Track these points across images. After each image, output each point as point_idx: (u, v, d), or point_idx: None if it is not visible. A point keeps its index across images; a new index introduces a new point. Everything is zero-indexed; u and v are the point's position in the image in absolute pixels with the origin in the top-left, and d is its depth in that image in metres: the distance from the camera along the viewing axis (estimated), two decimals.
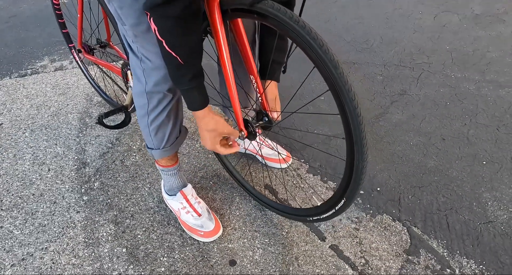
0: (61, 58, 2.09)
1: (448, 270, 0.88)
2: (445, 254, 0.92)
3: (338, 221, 1.02)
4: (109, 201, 1.12)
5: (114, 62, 1.29)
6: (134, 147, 1.34)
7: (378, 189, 1.10)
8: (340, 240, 0.96)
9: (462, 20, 2.05)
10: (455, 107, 1.40)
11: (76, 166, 1.27)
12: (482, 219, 0.99)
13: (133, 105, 1.17)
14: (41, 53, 2.16)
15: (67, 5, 1.33)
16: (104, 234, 1.01)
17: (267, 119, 0.84)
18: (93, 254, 0.96)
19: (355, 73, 1.68)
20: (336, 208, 0.76)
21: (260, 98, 0.82)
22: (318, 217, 0.84)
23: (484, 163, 1.15)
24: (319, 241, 0.96)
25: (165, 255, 0.95)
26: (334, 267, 0.90)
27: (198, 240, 0.97)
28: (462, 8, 2.18)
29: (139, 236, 1.00)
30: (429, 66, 1.67)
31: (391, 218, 1.02)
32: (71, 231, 1.03)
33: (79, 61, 1.54)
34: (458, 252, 0.92)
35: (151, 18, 0.56)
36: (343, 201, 0.73)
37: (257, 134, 0.82)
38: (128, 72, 1.10)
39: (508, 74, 1.55)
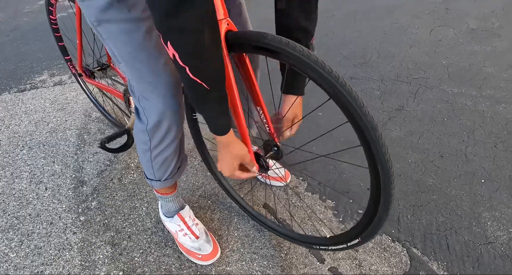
0: (60, 72, 2.10)
1: None
2: None
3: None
4: (106, 221, 1.11)
5: (114, 84, 1.29)
6: (132, 165, 1.34)
7: None
8: (339, 262, 0.95)
9: (458, 34, 2.07)
10: (452, 124, 1.40)
11: (73, 185, 1.26)
12: (482, 240, 0.98)
13: None
14: (41, 68, 2.18)
15: (64, 19, 1.32)
16: (101, 256, 1.00)
17: (276, 149, 0.82)
18: None
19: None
20: (349, 244, 0.75)
21: (267, 128, 0.81)
22: (326, 247, 0.84)
23: (483, 181, 1.15)
24: (318, 263, 0.95)
25: None
26: None
27: (196, 263, 0.96)
28: (458, 22, 2.21)
29: (136, 259, 0.99)
30: (426, 81, 1.69)
31: (390, 238, 1.01)
32: (67, 253, 1.01)
33: (76, 75, 1.53)
34: (458, 274, 0.91)
35: (168, 41, 0.48)
36: (357, 240, 0.73)
37: (269, 167, 0.81)
38: (130, 97, 1.10)
39: (504, 90, 1.56)
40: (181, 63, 0.50)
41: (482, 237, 0.99)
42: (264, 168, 0.81)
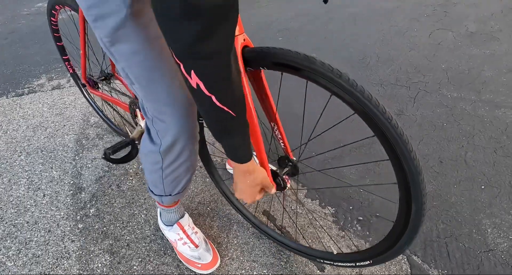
0: (58, 76, 2.09)
1: None
2: None
3: (337, 249, 1.00)
4: (104, 229, 1.10)
5: (118, 95, 1.25)
6: (131, 171, 1.33)
7: (377, 214, 1.09)
8: (339, 271, 0.95)
9: (457, 37, 2.08)
10: (452, 129, 1.40)
11: (71, 191, 1.25)
12: (482, 247, 0.98)
13: (141, 139, 1.14)
14: (39, 71, 2.17)
15: (66, 21, 1.31)
16: (99, 265, 0.99)
17: (291, 164, 0.81)
18: None
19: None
20: (357, 263, 0.75)
21: (283, 144, 0.81)
22: (332, 263, 0.83)
23: (483, 187, 1.15)
24: (318, 271, 0.95)
25: None
26: None
27: (195, 272, 0.95)
28: (457, 25, 2.22)
29: (135, 267, 0.98)
30: (425, 85, 1.68)
31: None
32: (65, 262, 1.01)
33: (75, 75, 1.50)
34: None
35: (192, 70, 0.43)
36: (368, 262, 0.73)
37: (286, 186, 0.79)
38: (137, 109, 1.08)
39: (503, 94, 1.56)
40: (206, 92, 0.46)
41: (483, 245, 0.98)
42: (281, 187, 0.79)
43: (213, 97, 0.47)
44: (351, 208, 1.12)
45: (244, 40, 0.62)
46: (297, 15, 2.68)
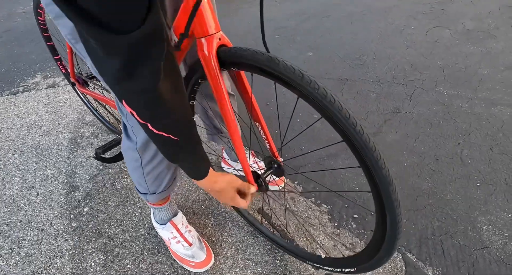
0: (54, 74, 2.08)
1: None
2: None
3: (332, 247, 1.00)
4: (98, 227, 1.09)
5: (109, 93, 1.25)
6: (125, 169, 1.32)
7: (372, 213, 1.09)
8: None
9: (454, 35, 2.07)
10: (448, 126, 1.40)
11: (65, 190, 1.24)
12: (477, 245, 0.97)
13: None
14: (34, 70, 2.15)
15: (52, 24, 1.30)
16: (93, 264, 0.99)
17: (277, 166, 0.80)
18: None
19: (348, 91, 1.69)
20: (344, 270, 0.75)
21: (268, 145, 0.80)
22: (320, 266, 0.83)
23: (478, 184, 1.14)
24: (313, 270, 0.94)
25: None
26: None
27: (189, 271, 0.95)
28: (454, 23, 2.21)
29: (128, 266, 0.97)
30: (422, 83, 1.68)
31: None
32: (58, 261, 1.00)
33: (67, 74, 1.49)
34: None
35: (123, 100, 0.43)
36: (353, 269, 0.72)
37: (268, 187, 0.79)
38: None
39: (500, 92, 1.56)
40: (140, 120, 0.46)
41: (478, 242, 0.98)
42: (263, 187, 0.78)
43: (149, 125, 0.47)
44: (346, 206, 1.12)
45: (219, 39, 0.59)
46: (295, 14, 2.67)
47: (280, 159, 0.80)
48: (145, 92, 0.42)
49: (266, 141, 0.79)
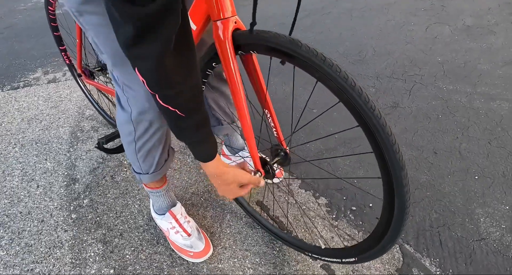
0: (54, 70, 2.08)
1: None
2: (437, 273, 0.90)
3: (330, 238, 1.00)
4: (98, 219, 1.10)
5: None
6: (125, 162, 1.32)
7: (371, 204, 1.09)
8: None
9: (454, 31, 2.07)
10: (447, 120, 1.40)
11: (65, 182, 1.25)
12: (475, 236, 0.98)
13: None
14: (35, 65, 2.16)
15: (63, 13, 1.31)
16: (92, 254, 0.99)
17: (283, 154, 0.80)
18: None
19: None
20: (343, 260, 0.75)
21: (275, 132, 0.80)
22: (319, 257, 0.83)
23: (476, 177, 1.15)
24: (311, 260, 0.95)
25: None
26: None
27: (187, 260, 0.95)
28: (453, 19, 2.21)
29: (127, 256, 0.98)
30: (421, 78, 1.68)
31: None
32: (58, 251, 1.01)
33: (71, 66, 1.49)
34: (451, 271, 0.91)
35: (135, 67, 0.46)
36: (353, 259, 0.72)
37: (275, 176, 0.78)
38: None
39: (499, 87, 1.56)
40: (149, 90, 0.49)
41: (475, 234, 0.99)
42: (270, 174, 0.78)
43: (156, 96, 0.49)
44: (344, 198, 1.12)
45: (235, 23, 0.61)
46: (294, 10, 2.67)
47: (287, 148, 0.81)
48: (152, 59, 0.44)
49: (274, 129, 0.80)
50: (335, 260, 0.79)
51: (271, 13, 2.66)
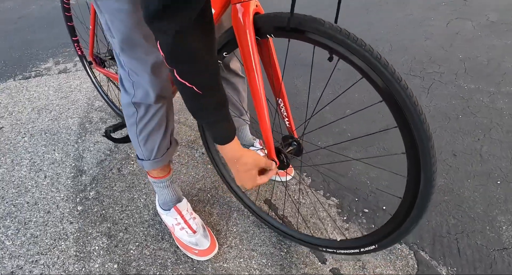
0: (65, 60, 2.08)
1: None
2: None
3: (341, 236, 0.96)
4: (103, 212, 1.09)
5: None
6: (132, 155, 1.31)
7: (384, 207, 1.05)
8: (341, 263, 0.91)
9: (477, 27, 1.97)
10: (467, 121, 1.33)
11: (72, 174, 1.24)
12: (496, 245, 0.92)
13: None
14: (46, 55, 2.16)
15: (75, 7, 1.30)
16: (96, 247, 0.98)
17: (296, 144, 0.77)
18: (83, 269, 0.92)
19: (362, 83, 1.62)
20: (362, 249, 0.72)
21: (287, 122, 0.78)
22: (334, 251, 0.79)
23: (499, 182, 1.08)
24: (320, 263, 0.91)
25: (157, 273, 0.91)
26: None
27: (192, 258, 0.93)
28: (477, 15, 2.10)
29: (131, 251, 0.96)
30: (441, 76, 1.60)
31: None
32: (62, 243, 1.00)
33: (83, 57, 1.48)
34: None
35: (157, 41, 0.47)
36: (373, 246, 0.69)
37: (289, 164, 0.76)
38: None
39: None
40: (167, 65, 0.49)
41: (496, 242, 0.93)
42: (285, 164, 0.75)
43: (175, 71, 0.49)
44: (356, 199, 1.08)
45: (256, 6, 0.58)
46: (309, 4, 2.59)
47: (299, 137, 0.78)
48: (173, 34, 0.44)
49: (287, 119, 0.76)
50: (352, 251, 0.76)
51: (282, 6, 2.59)
